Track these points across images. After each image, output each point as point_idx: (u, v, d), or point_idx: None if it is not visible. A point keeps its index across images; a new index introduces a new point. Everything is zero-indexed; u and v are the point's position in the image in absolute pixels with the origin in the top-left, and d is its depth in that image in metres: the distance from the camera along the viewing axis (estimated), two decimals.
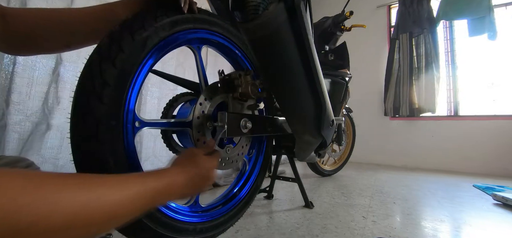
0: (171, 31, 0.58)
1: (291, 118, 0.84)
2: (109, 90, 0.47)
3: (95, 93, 0.46)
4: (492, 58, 2.91)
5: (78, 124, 0.46)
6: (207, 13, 0.70)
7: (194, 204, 0.71)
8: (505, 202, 1.36)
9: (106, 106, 0.47)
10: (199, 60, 0.72)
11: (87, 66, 0.48)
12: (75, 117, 0.46)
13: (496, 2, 2.80)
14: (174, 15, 0.58)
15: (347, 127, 2.21)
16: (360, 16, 3.21)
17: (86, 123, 0.46)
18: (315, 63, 0.73)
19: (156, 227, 0.56)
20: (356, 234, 0.92)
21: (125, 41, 0.49)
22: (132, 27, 0.51)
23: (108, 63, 0.47)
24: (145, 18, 0.53)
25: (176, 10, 0.59)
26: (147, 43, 0.53)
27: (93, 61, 0.47)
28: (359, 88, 3.40)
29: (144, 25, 0.52)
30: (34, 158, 1.04)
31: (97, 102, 0.46)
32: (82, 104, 0.46)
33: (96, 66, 0.47)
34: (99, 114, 0.46)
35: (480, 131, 2.79)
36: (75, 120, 0.46)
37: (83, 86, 0.47)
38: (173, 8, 0.59)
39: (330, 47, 1.57)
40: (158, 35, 0.55)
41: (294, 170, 1.28)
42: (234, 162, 0.78)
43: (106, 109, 0.47)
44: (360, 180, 2.00)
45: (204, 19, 0.68)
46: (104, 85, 0.46)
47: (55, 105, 1.11)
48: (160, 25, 0.55)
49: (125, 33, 0.50)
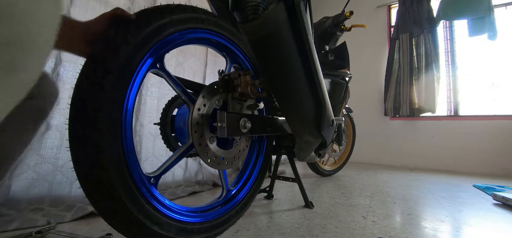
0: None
1: (291, 118, 0.84)
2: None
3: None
4: (492, 58, 2.91)
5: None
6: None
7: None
8: (505, 202, 1.36)
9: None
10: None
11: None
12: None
13: (496, 2, 2.80)
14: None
15: (347, 127, 2.21)
16: (360, 16, 3.21)
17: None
18: (315, 63, 0.73)
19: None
20: (356, 234, 0.92)
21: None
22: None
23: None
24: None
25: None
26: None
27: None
28: (359, 88, 3.40)
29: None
30: (33, 158, 1.04)
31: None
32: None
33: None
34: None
35: (480, 131, 2.79)
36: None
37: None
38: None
39: (330, 47, 1.57)
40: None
41: (294, 170, 1.28)
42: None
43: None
44: (360, 180, 2.00)
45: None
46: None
47: (55, 105, 1.10)
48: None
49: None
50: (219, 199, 0.82)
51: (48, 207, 1.00)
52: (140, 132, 1.44)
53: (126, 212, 0.51)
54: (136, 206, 0.52)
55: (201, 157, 0.68)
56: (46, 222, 0.87)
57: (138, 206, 0.53)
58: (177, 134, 0.77)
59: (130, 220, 0.52)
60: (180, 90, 0.67)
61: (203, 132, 0.67)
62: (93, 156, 0.47)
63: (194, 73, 1.80)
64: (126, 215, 0.51)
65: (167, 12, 0.58)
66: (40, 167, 1.05)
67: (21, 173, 1.00)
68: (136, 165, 0.55)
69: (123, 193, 0.50)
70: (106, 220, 0.52)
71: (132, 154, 0.54)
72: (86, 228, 0.89)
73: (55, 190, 1.08)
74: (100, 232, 0.83)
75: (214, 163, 0.71)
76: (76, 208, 0.99)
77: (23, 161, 1.01)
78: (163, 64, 0.63)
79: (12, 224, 0.83)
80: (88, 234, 0.83)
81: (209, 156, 0.69)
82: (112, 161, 0.48)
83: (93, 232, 0.84)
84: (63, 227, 0.88)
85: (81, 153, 0.47)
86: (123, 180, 0.50)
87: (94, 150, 0.46)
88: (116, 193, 0.49)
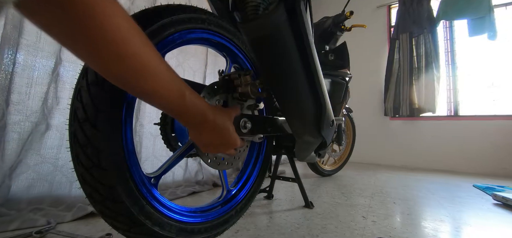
0: None
1: (291, 118, 0.84)
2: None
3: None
4: (492, 58, 2.91)
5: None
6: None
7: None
8: (505, 202, 1.36)
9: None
10: None
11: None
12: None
13: (496, 2, 2.80)
14: None
15: (347, 127, 2.21)
16: (360, 16, 3.21)
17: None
18: (315, 63, 0.73)
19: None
20: (356, 234, 0.92)
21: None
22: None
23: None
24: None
25: None
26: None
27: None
28: (359, 88, 3.40)
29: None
30: (33, 158, 1.03)
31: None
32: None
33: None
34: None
35: (480, 131, 2.79)
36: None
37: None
38: None
39: (330, 47, 1.57)
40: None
41: (294, 170, 1.28)
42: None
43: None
44: (360, 180, 2.00)
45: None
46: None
47: (55, 105, 1.10)
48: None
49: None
50: (219, 199, 0.82)
51: (48, 207, 1.00)
52: (140, 132, 1.44)
53: (126, 213, 0.50)
54: (137, 207, 0.52)
55: (201, 157, 0.68)
56: (46, 222, 0.87)
57: (139, 207, 0.53)
58: (178, 134, 0.77)
59: (130, 221, 0.51)
60: None
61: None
62: (93, 156, 0.46)
63: (194, 73, 1.80)
64: (126, 215, 0.51)
65: (168, 12, 0.59)
66: (40, 167, 1.05)
67: (21, 173, 1.00)
68: (136, 165, 0.55)
69: (123, 194, 0.50)
70: (106, 220, 0.52)
71: (132, 154, 0.54)
72: (86, 228, 0.89)
73: (55, 190, 1.08)
74: (100, 232, 0.83)
75: (214, 163, 0.71)
76: (76, 208, 0.99)
77: (23, 161, 1.01)
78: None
79: (12, 224, 0.83)
80: (88, 234, 0.83)
81: (209, 156, 0.69)
82: (112, 161, 0.48)
83: (93, 232, 0.84)
84: (63, 227, 0.88)
85: (81, 153, 0.47)
86: (124, 180, 0.50)
87: (94, 150, 0.46)
88: (116, 194, 0.49)
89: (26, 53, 1.04)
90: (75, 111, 0.47)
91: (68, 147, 0.49)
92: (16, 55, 1.01)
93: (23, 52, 1.03)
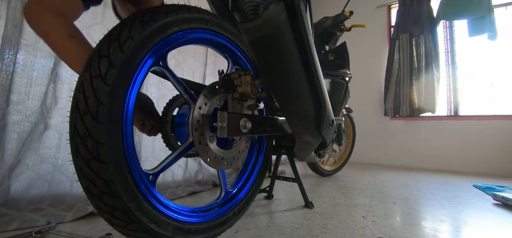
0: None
1: (291, 118, 0.84)
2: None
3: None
4: (492, 58, 2.91)
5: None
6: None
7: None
8: (505, 202, 1.36)
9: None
10: None
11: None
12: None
13: (496, 2, 2.80)
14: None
15: (347, 127, 2.21)
16: (360, 16, 3.21)
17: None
18: (315, 63, 0.73)
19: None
20: (356, 234, 0.92)
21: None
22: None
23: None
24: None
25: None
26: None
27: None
28: (359, 88, 3.40)
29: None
30: (32, 158, 1.04)
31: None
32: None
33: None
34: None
35: (480, 131, 2.79)
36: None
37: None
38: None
39: (330, 47, 1.57)
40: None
41: (294, 170, 1.28)
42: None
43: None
44: (360, 180, 2.00)
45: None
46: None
47: (53, 105, 1.10)
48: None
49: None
50: (218, 200, 0.82)
51: (48, 207, 1.00)
52: (139, 131, 1.44)
53: (123, 208, 0.50)
54: (134, 203, 0.52)
55: (200, 156, 0.68)
56: (46, 222, 0.87)
57: (136, 203, 0.52)
58: (177, 133, 0.77)
59: (127, 217, 0.51)
60: (182, 89, 0.67)
61: (204, 131, 0.67)
62: (93, 149, 0.46)
63: (194, 73, 1.80)
64: (123, 211, 0.50)
65: (172, 11, 0.59)
66: (39, 167, 1.05)
67: (20, 173, 1.00)
68: (135, 161, 0.54)
69: (121, 189, 0.49)
70: (103, 216, 0.51)
71: (131, 149, 0.53)
72: (86, 228, 0.89)
73: (55, 190, 1.08)
74: (100, 232, 0.83)
75: (213, 162, 0.71)
76: (76, 208, 0.99)
77: (23, 161, 1.01)
78: (166, 62, 0.63)
79: (12, 224, 0.83)
80: (88, 234, 0.83)
81: (209, 155, 0.69)
82: (111, 155, 0.48)
83: (93, 232, 0.84)
84: (63, 227, 0.88)
85: (80, 145, 0.47)
86: (122, 175, 0.50)
87: (94, 143, 0.46)
88: (114, 188, 0.48)
89: (26, 53, 1.04)
90: (77, 103, 0.47)
91: (68, 148, 0.49)
92: (16, 55, 1.01)
93: (23, 52, 1.03)
